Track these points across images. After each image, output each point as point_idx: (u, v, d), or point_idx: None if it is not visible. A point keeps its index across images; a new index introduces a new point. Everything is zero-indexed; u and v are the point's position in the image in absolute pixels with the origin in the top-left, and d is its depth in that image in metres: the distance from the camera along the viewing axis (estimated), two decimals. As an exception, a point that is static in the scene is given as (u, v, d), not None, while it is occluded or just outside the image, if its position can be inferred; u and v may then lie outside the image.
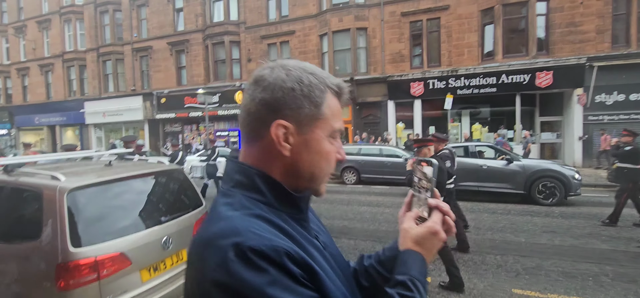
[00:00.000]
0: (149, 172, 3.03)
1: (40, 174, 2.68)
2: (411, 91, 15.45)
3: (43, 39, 25.42)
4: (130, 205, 2.77)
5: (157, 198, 3.04)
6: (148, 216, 2.82)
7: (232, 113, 19.01)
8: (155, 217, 2.86)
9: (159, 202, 3.02)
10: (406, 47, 15.96)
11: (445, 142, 5.32)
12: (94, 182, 2.58)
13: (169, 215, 2.97)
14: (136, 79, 22.28)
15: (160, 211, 2.95)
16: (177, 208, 3.11)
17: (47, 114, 25.32)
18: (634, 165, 6.12)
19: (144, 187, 2.97)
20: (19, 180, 2.63)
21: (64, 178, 2.50)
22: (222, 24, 19.21)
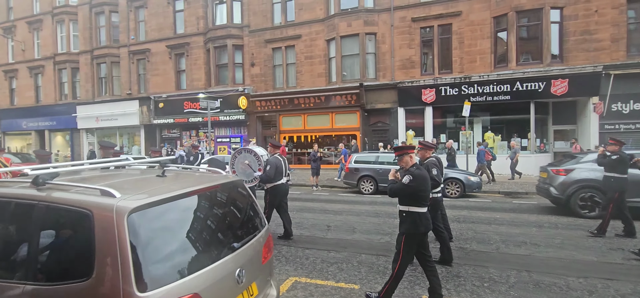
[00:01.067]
0: (216, 185, 2.43)
1: (82, 188, 2.07)
2: (423, 98, 15.08)
3: (33, 40, 24.36)
4: (199, 229, 2.17)
5: (227, 218, 2.44)
6: (220, 242, 2.22)
7: (235, 118, 18.34)
8: (227, 243, 2.27)
9: (228, 223, 2.42)
10: (417, 53, 15.63)
11: (432, 150, 5.12)
12: (159, 199, 1.97)
13: (241, 239, 2.37)
14: (132, 83, 21.43)
15: (231, 235, 2.35)
16: (247, 231, 2.51)
17: (36, 118, 24.16)
18: (621, 174, 5.99)
19: (211, 204, 2.36)
20: (55, 197, 2.01)
21: (119, 194, 1.89)
22: (225, 27, 18.62)
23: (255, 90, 18.30)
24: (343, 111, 16.70)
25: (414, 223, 3.53)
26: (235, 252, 2.25)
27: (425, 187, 3.59)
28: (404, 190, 3.51)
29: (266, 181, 5.80)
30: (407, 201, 3.57)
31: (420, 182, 3.49)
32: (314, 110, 17.16)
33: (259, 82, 18.40)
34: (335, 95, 16.36)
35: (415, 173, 3.50)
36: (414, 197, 3.53)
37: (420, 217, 3.55)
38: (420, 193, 3.52)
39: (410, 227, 3.54)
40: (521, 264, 4.75)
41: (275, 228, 6.56)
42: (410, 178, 3.47)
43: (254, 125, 18.46)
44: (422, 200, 3.55)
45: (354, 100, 16.11)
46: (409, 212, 3.56)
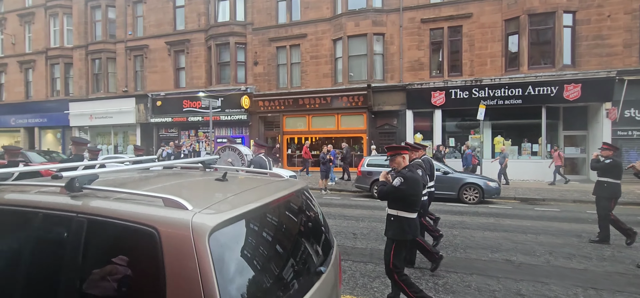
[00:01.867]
0: (293, 191, 1.94)
1: (135, 196, 1.58)
2: (432, 100, 14.75)
3: (24, 34, 23.42)
4: (286, 248, 1.70)
5: (307, 232, 1.97)
6: (305, 263, 1.75)
7: (237, 118, 17.77)
8: (312, 263, 1.80)
9: (310, 239, 1.95)
10: (426, 54, 15.31)
11: (418, 151, 5.01)
12: (244, 212, 1.49)
13: (324, 259, 1.91)
14: (129, 80, 20.69)
15: (313, 253, 1.88)
16: (325, 247, 2.05)
17: (26, 115, 23.19)
18: (614, 179, 5.89)
19: (291, 215, 1.89)
20: (100, 208, 1.51)
21: (189, 204, 1.41)
22: (228, 24, 18.07)
23: (257, 90, 17.77)
24: (349, 113, 16.28)
25: (401, 228, 3.39)
26: (322, 278, 1.78)
27: (417, 191, 3.41)
28: (394, 193, 3.34)
29: None
30: (397, 205, 3.40)
31: (411, 185, 3.32)
32: (318, 111, 16.70)
33: (262, 82, 17.88)
34: (342, 96, 15.94)
35: (407, 176, 3.34)
36: (405, 201, 3.37)
37: (409, 223, 3.40)
38: (411, 197, 3.36)
39: (398, 233, 3.39)
40: (584, 280, 4.35)
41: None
42: (402, 180, 3.31)
43: (256, 125, 17.91)
44: (412, 205, 3.40)
45: (361, 101, 15.71)
46: (397, 216, 3.40)
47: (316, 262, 1.82)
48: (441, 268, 4.61)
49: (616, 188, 5.87)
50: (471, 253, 5.35)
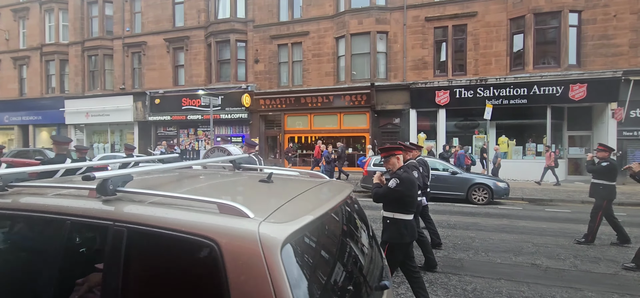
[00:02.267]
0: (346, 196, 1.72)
1: (182, 200, 1.35)
2: (436, 100, 14.61)
3: (18, 29, 22.91)
4: (348, 259, 1.49)
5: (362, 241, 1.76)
6: (368, 276, 1.54)
7: (237, 117, 17.49)
8: (374, 276, 1.59)
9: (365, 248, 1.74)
10: (430, 53, 15.16)
11: (413, 151, 4.93)
12: (309, 221, 1.28)
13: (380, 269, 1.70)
14: (126, 77, 20.31)
15: (373, 266, 1.66)
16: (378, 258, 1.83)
17: (20, 112, 22.68)
18: (609, 181, 5.85)
19: (349, 221, 1.67)
20: (142, 215, 1.29)
21: (252, 212, 1.19)
22: (228, 21, 17.77)
23: (258, 88, 17.51)
24: (352, 112, 16.08)
25: (398, 231, 3.31)
26: (386, 294, 1.57)
27: (413, 192, 3.34)
28: (390, 195, 3.29)
29: None
30: (393, 207, 3.34)
31: (407, 186, 3.26)
32: (321, 110, 16.48)
33: (263, 80, 17.62)
34: (345, 95, 15.73)
35: (402, 177, 3.27)
36: (400, 203, 3.31)
37: (406, 225, 3.33)
38: (407, 198, 3.30)
39: (395, 236, 3.32)
40: (617, 286, 4.17)
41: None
42: (397, 182, 3.24)
43: (257, 124, 17.65)
44: (408, 207, 3.34)
45: (364, 100, 15.52)
46: (393, 219, 3.33)
47: (378, 274, 1.61)
48: (467, 272, 4.43)
49: (611, 190, 5.83)
50: (493, 256, 5.17)
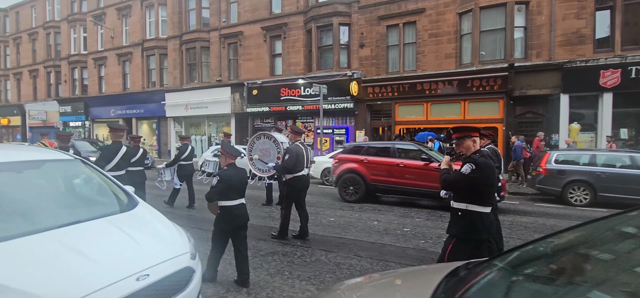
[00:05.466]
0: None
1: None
2: (600, 81, 11.82)
3: (122, 27, 24.12)
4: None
5: None
6: None
7: (341, 107, 16.21)
8: None
9: None
10: (588, 24, 12.34)
11: (485, 139, 4.53)
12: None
13: None
14: (222, 69, 20.16)
15: None
16: None
17: (123, 106, 23.98)
18: None
19: None
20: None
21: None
22: (331, 3, 16.47)
23: (364, 75, 16.02)
24: (480, 99, 13.86)
25: (472, 225, 2.83)
26: None
27: (492, 180, 2.87)
28: (463, 182, 2.84)
29: (284, 172, 5.16)
30: (466, 197, 2.87)
31: (485, 173, 2.78)
32: (439, 97, 14.50)
33: (369, 66, 16.08)
34: (473, 80, 13.56)
35: (479, 162, 2.81)
36: (476, 192, 2.84)
37: (482, 219, 2.83)
38: (485, 187, 2.83)
39: (467, 230, 2.84)
40: None
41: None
42: (473, 167, 2.79)
43: (363, 114, 16.22)
44: (486, 197, 2.86)
45: (497, 85, 13.21)
46: (467, 211, 2.87)
47: None
48: None
49: None
50: None
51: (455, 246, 2.90)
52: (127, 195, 3.12)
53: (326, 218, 6.72)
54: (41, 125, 27.84)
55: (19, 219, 2.34)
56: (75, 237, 2.28)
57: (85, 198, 3.04)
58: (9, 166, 2.70)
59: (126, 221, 2.67)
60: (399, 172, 8.12)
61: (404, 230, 5.67)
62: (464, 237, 2.89)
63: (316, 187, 11.30)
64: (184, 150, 8.01)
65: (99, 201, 3.01)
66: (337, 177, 8.92)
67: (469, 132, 3.03)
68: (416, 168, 7.95)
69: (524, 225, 6.38)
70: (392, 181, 8.18)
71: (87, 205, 2.88)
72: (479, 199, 2.85)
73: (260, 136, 6.09)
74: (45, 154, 3.06)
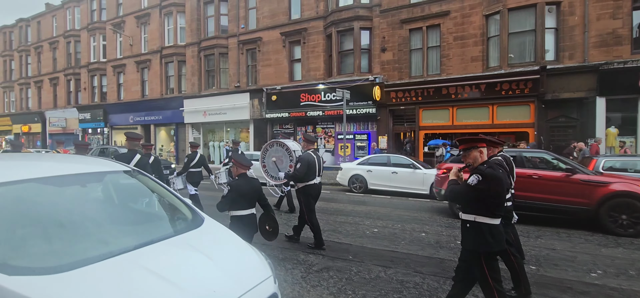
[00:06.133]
0: None
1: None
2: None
3: (141, 35, 24.38)
4: None
5: None
6: None
7: (363, 112, 15.94)
8: None
9: None
10: (625, 24, 11.84)
11: (498, 147, 4.16)
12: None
13: None
14: (241, 75, 20.13)
15: None
16: None
17: (142, 113, 24.15)
18: None
19: None
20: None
21: None
22: (352, 7, 16.28)
23: (386, 79, 15.73)
24: (510, 103, 13.42)
25: (482, 237, 2.79)
26: None
27: (500, 191, 2.78)
28: (470, 194, 2.82)
29: (296, 180, 5.16)
30: (474, 208, 2.85)
31: (493, 184, 2.74)
32: (466, 102, 14.11)
33: (391, 70, 15.79)
34: (502, 83, 13.15)
35: (486, 173, 2.77)
36: (484, 203, 2.81)
37: (492, 231, 2.80)
38: (493, 199, 2.78)
39: (479, 242, 2.81)
40: None
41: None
42: (479, 178, 2.77)
43: (385, 119, 15.90)
44: (494, 208, 2.81)
45: (528, 88, 12.78)
46: (475, 223, 2.84)
47: None
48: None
49: None
50: None
51: (485, 261, 2.84)
52: (190, 209, 2.90)
53: (369, 229, 6.42)
54: (61, 132, 28.27)
55: (93, 239, 2.13)
56: (154, 260, 2.06)
57: (151, 213, 2.83)
58: (74, 179, 2.50)
59: (199, 239, 2.44)
60: (534, 185, 6.86)
61: (456, 242, 5.34)
62: (476, 250, 2.85)
63: (344, 194, 11.01)
64: (193, 157, 8.14)
65: (165, 216, 2.80)
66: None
67: (476, 142, 2.97)
68: (555, 180, 6.82)
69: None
70: (526, 196, 6.74)
71: (154, 222, 2.66)
72: (487, 211, 2.82)
73: (272, 144, 6.10)
74: (104, 165, 2.86)
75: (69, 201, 2.35)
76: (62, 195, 2.36)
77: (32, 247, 1.95)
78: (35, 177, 2.32)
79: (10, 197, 2.10)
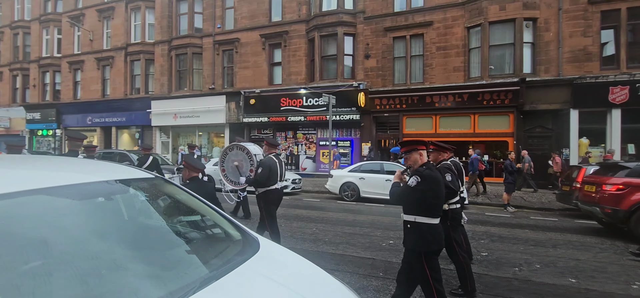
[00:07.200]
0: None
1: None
2: (609, 97, 12.08)
3: (103, 30, 22.49)
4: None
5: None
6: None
7: (347, 118, 15.68)
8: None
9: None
10: (595, 42, 12.65)
11: (447, 152, 4.46)
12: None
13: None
14: (216, 77, 19.13)
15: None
16: None
17: (102, 114, 22.17)
18: None
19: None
20: None
21: None
22: (335, 12, 16.07)
23: (369, 86, 15.63)
24: (490, 112, 13.81)
25: (422, 237, 2.92)
26: None
27: (438, 192, 2.94)
28: (410, 195, 2.92)
29: (258, 185, 5.04)
30: (414, 209, 2.95)
31: (431, 185, 2.88)
32: (449, 111, 14.34)
33: (375, 77, 15.73)
34: (484, 93, 13.51)
35: (424, 174, 2.90)
36: (423, 205, 2.91)
37: (431, 231, 2.92)
38: (431, 199, 2.91)
39: (418, 243, 2.92)
40: None
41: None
42: (418, 180, 2.88)
43: (369, 126, 15.75)
44: (433, 209, 2.94)
45: (508, 99, 13.23)
46: (415, 223, 2.95)
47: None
48: None
49: None
50: None
51: (415, 261, 2.96)
52: (235, 227, 2.32)
53: (385, 241, 5.99)
54: (4, 133, 25.20)
55: (153, 277, 1.52)
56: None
57: (200, 235, 2.21)
58: (99, 188, 1.85)
59: (271, 268, 1.89)
60: None
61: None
62: (417, 250, 2.95)
63: (335, 203, 10.58)
64: (144, 161, 7.75)
65: (214, 237, 2.19)
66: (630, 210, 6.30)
67: (416, 145, 3.08)
68: None
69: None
70: None
71: (208, 245, 2.06)
72: (426, 211, 2.93)
73: (232, 147, 5.77)
74: (124, 172, 2.21)
75: (98, 218, 1.71)
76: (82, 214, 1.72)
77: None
78: (39, 186, 1.66)
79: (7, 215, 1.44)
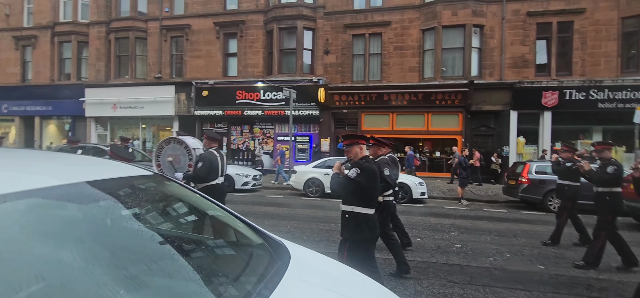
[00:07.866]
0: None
1: None
2: (542, 101, 13.50)
3: (23, 4, 19.52)
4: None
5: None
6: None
7: (307, 114, 15.47)
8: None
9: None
10: (531, 51, 14.05)
11: (386, 147, 4.78)
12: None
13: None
14: (163, 65, 17.67)
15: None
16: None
17: (22, 101, 19.29)
18: (574, 182, 5.91)
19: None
20: None
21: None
22: (295, 5, 15.75)
23: (328, 82, 15.63)
24: (442, 112, 14.63)
25: (358, 227, 3.13)
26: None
27: (374, 183, 3.18)
28: (349, 186, 3.12)
29: (197, 180, 4.87)
30: (352, 200, 3.16)
31: (369, 177, 3.11)
32: (405, 109, 14.91)
33: (334, 73, 15.77)
34: (437, 93, 14.27)
35: (363, 166, 3.13)
36: (361, 195, 3.14)
37: (367, 220, 3.14)
38: (369, 190, 3.15)
39: (354, 232, 3.14)
40: None
41: None
42: (358, 171, 3.09)
43: (328, 122, 15.75)
44: (369, 200, 3.17)
45: (458, 99, 14.13)
46: (353, 213, 3.15)
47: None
48: None
49: (576, 190, 5.88)
50: None
51: (350, 249, 3.12)
52: (253, 230, 2.03)
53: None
54: None
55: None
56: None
57: (226, 242, 1.87)
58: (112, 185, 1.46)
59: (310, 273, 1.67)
60: None
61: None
62: (352, 239, 3.11)
63: (299, 199, 10.37)
64: None
65: (243, 243, 1.88)
66: None
67: (357, 139, 3.24)
68: None
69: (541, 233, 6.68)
70: None
71: (240, 254, 1.75)
72: (363, 201, 3.10)
73: (169, 141, 5.55)
74: (124, 169, 1.81)
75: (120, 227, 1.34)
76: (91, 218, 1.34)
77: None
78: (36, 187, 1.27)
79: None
